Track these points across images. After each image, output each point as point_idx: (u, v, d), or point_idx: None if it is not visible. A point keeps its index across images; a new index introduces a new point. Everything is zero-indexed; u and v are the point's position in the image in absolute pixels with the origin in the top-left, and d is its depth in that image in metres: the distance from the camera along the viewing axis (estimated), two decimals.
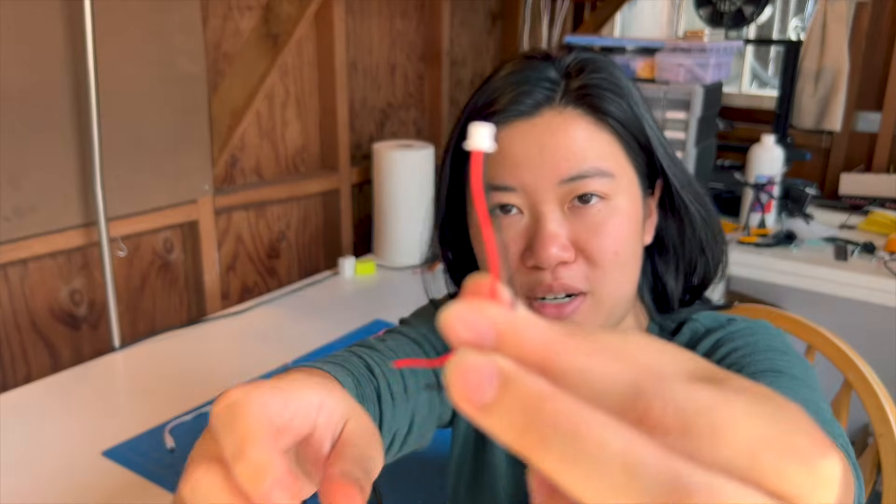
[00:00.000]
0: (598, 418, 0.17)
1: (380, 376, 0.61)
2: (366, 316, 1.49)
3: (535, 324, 0.19)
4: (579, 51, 0.63)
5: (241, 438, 0.26)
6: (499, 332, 0.19)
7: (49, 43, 1.20)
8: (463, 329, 0.19)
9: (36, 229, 1.22)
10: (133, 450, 1.03)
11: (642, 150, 0.62)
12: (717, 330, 0.66)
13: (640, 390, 0.18)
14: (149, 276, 1.46)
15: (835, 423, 0.54)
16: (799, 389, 0.56)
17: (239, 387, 0.29)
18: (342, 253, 1.83)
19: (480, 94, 0.62)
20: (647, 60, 1.75)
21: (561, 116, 0.59)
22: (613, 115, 0.59)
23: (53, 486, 0.95)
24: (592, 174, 0.58)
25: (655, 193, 0.66)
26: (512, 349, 0.19)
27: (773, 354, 0.61)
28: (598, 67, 0.61)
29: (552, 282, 0.58)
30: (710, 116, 1.77)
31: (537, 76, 0.60)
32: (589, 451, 0.17)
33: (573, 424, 0.17)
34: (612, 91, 0.60)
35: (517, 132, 0.59)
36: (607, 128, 0.60)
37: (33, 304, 1.27)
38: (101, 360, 1.31)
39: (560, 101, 0.59)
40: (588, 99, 0.59)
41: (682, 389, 0.18)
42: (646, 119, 0.62)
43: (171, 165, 1.41)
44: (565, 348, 0.19)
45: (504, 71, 0.62)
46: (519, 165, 0.58)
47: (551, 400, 0.17)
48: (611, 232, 0.59)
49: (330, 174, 1.78)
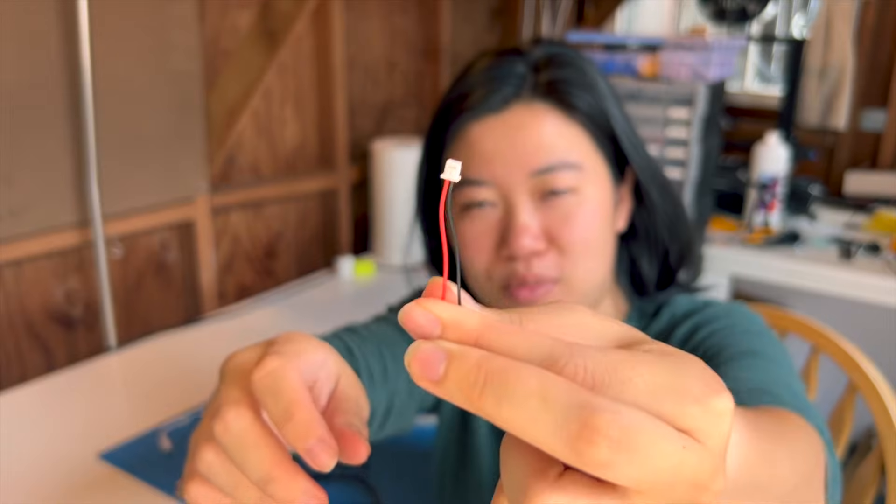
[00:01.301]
0: (519, 366, 0.22)
1: (359, 357, 0.64)
2: (364, 315, 1.46)
3: (471, 315, 0.25)
4: (548, 45, 0.65)
5: (287, 403, 0.31)
6: (443, 324, 0.25)
7: (43, 39, 1.18)
8: (414, 324, 0.25)
9: (30, 228, 1.21)
10: (129, 452, 1.02)
11: (610, 140, 0.64)
12: (694, 314, 0.69)
13: (554, 358, 0.23)
14: (145, 275, 1.45)
15: (803, 397, 0.56)
16: (773, 368, 0.59)
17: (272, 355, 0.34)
18: (340, 252, 1.82)
19: (454, 89, 0.65)
20: (650, 58, 1.74)
21: (529, 110, 0.61)
22: (580, 108, 0.62)
23: (49, 488, 0.94)
24: (561, 166, 0.61)
25: (627, 180, 0.68)
26: (454, 335, 0.24)
27: (748, 336, 0.64)
28: (565, 61, 0.63)
29: (525, 272, 0.61)
30: (714, 114, 1.75)
31: (506, 72, 0.62)
32: (513, 390, 0.22)
33: (502, 373, 0.22)
34: (579, 85, 0.62)
35: (487, 127, 0.62)
36: (575, 120, 0.62)
37: (28, 304, 1.26)
38: (97, 361, 1.30)
39: (528, 95, 0.62)
40: (555, 93, 0.62)
41: (595, 354, 0.23)
42: (612, 111, 0.64)
43: (167, 164, 1.39)
44: (495, 331, 0.24)
45: (476, 67, 0.65)
46: (490, 159, 0.61)
47: (486, 361, 0.23)
48: (580, 222, 0.61)
49: (328, 172, 1.77)
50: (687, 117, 1.68)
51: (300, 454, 0.31)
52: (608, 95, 0.64)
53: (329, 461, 0.30)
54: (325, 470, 0.30)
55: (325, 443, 0.30)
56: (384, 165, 1.72)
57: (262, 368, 0.33)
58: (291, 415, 0.31)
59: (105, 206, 1.29)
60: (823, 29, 2.18)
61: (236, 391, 0.34)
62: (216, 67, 1.50)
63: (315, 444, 0.30)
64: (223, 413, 0.32)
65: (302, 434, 0.30)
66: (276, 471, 0.31)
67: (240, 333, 1.41)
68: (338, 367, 0.38)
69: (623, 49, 1.76)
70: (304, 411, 0.31)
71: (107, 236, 1.32)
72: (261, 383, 0.32)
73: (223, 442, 0.32)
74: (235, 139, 1.57)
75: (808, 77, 2.20)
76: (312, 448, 0.30)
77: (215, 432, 0.32)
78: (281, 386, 0.32)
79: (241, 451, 0.32)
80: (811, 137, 2.23)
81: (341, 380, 0.38)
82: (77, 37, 1.20)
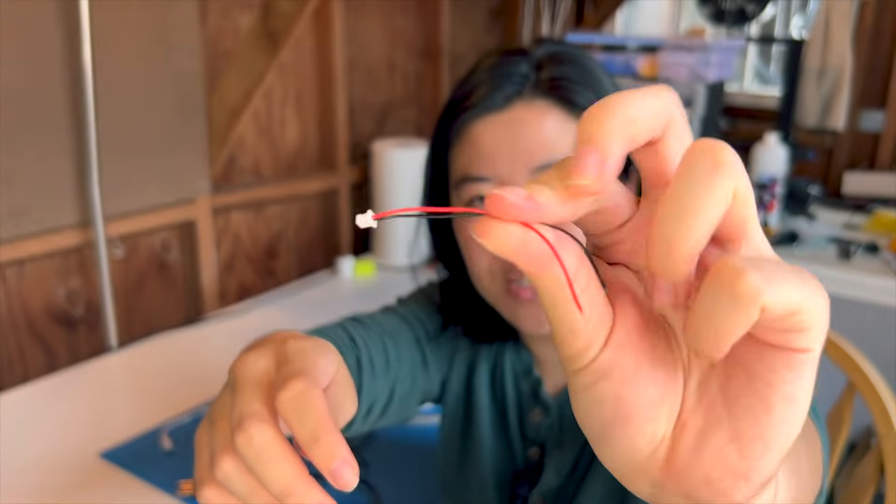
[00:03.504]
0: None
1: (361, 346, 0.64)
2: None
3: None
4: (551, 43, 0.66)
5: (314, 426, 0.33)
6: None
7: (45, 40, 1.19)
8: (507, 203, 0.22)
9: (32, 229, 1.22)
10: (130, 451, 1.02)
11: None
12: None
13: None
14: (146, 275, 1.45)
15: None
16: None
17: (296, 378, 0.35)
18: (341, 252, 1.82)
19: (459, 88, 0.66)
20: (649, 58, 1.74)
21: (531, 108, 0.62)
22: (582, 105, 0.62)
23: (50, 487, 0.94)
24: None
25: (632, 178, 0.68)
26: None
27: None
28: (566, 59, 0.64)
29: None
30: (713, 115, 1.76)
31: (509, 71, 0.63)
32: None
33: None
34: (580, 81, 0.62)
35: (490, 125, 0.62)
36: (577, 117, 0.62)
37: (30, 304, 1.26)
38: (98, 361, 1.30)
39: (529, 93, 0.62)
40: (557, 90, 0.62)
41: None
42: None
43: (168, 164, 1.40)
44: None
45: (481, 67, 0.65)
46: (492, 157, 0.62)
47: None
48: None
49: (329, 173, 1.77)
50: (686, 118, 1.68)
51: (324, 473, 0.32)
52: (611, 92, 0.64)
53: (352, 480, 0.32)
54: (348, 489, 0.32)
55: (348, 463, 0.32)
56: (384, 166, 1.72)
57: (288, 390, 0.34)
58: (318, 438, 0.32)
59: (106, 206, 1.29)
60: (822, 30, 2.18)
61: (257, 404, 0.35)
62: (217, 68, 1.50)
63: (339, 465, 0.32)
64: (246, 426, 0.34)
65: (327, 456, 0.32)
66: (295, 484, 0.33)
67: (240, 333, 1.42)
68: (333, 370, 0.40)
69: (622, 50, 1.77)
70: (329, 434, 0.32)
71: (108, 236, 1.32)
72: (288, 405, 0.34)
73: (245, 454, 0.34)
74: (236, 139, 1.57)
75: (807, 78, 2.20)
76: (336, 469, 0.32)
77: (237, 444, 0.34)
78: (307, 409, 0.33)
79: (262, 465, 0.33)
80: (810, 138, 2.24)
81: (331, 385, 0.39)
82: (78, 37, 1.20)
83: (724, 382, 0.23)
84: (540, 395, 0.71)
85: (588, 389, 0.24)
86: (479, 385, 0.74)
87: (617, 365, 0.24)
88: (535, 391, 0.72)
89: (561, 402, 0.70)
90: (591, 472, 0.67)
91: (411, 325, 0.73)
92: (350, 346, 0.64)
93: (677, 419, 0.24)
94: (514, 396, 0.73)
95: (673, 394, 0.24)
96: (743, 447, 0.23)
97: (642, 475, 0.25)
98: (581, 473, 0.68)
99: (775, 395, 0.22)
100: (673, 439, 0.24)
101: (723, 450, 0.23)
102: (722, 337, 0.20)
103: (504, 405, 0.74)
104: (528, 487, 0.71)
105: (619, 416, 0.24)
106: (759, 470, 0.23)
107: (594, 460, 0.67)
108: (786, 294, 0.20)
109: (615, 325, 0.24)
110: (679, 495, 0.24)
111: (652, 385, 0.24)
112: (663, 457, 0.24)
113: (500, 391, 0.74)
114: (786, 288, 0.20)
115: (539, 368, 0.73)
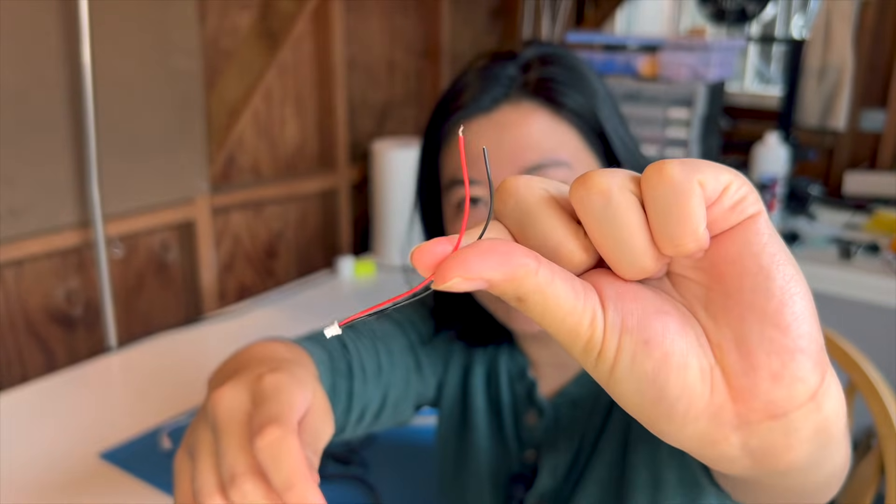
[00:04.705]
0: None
1: (353, 352, 0.65)
2: None
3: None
4: (539, 45, 0.66)
5: (288, 473, 0.36)
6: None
7: (44, 40, 1.18)
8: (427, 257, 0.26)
9: (31, 228, 1.21)
10: (130, 451, 1.02)
11: (600, 139, 0.64)
12: None
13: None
14: (145, 275, 1.45)
15: None
16: None
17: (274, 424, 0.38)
18: (341, 252, 1.82)
19: (449, 90, 0.66)
20: (650, 58, 1.74)
21: (518, 109, 0.62)
22: (568, 106, 0.62)
23: (49, 487, 0.94)
24: (549, 164, 0.61)
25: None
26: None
27: None
28: (553, 60, 0.64)
29: None
30: (713, 115, 1.75)
31: (497, 72, 0.63)
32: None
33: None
34: (567, 83, 0.62)
35: (477, 127, 0.62)
36: (563, 118, 0.62)
37: (28, 304, 1.26)
38: (97, 361, 1.30)
39: (516, 94, 0.62)
40: (543, 92, 0.62)
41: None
42: (602, 110, 0.64)
43: (167, 164, 1.39)
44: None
45: (470, 69, 0.66)
46: (480, 158, 0.62)
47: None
48: None
49: (328, 173, 1.77)
50: (686, 118, 1.68)
51: None
52: (600, 93, 0.64)
53: None
54: None
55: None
56: (384, 165, 1.72)
57: (264, 436, 0.37)
58: (292, 484, 0.36)
59: (105, 206, 1.29)
60: (823, 29, 2.18)
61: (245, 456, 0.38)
62: (216, 67, 1.50)
63: None
64: (240, 483, 0.37)
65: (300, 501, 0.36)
66: None
67: (240, 333, 1.41)
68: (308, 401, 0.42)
69: (623, 49, 1.77)
70: (302, 482, 0.36)
71: (107, 236, 1.32)
72: (264, 453, 0.37)
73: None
74: (236, 139, 1.57)
75: (808, 77, 2.20)
76: None
77: (232, 499, 0.37)
78: (283, 456, 0.37)
79: None
80: (810, 138, 2.23)
81: (307, 413, 0.42)
82: (78, 37, 1.20)
83: (722, 287, 0.24)
84: (535, 398, 0.71)
85: (618, 361, 0.24)
86: (475, 388, 0.74)
87: (626, 314, 0.24)
88: (530, 394, 0.72)
89: (556, 404, 0.70)
90: (586, 474, 0.67)
91: (405, 330, 0.73)
92: (341, 352, 0.64)
93: (710, 344, 0.24)
94: (509, 399, 0.73)
95: (691, 320, 0.25)
96: (776, 322, 0.23)
97: (719, 421, 0.24)
98: (577, 476, 0.68)
99: (763, 258, 0.23)
100: (720, 364, 0.24)
101: (763, 339, 0.23)
102: (688, 222, 0.23)
103: (499, 408, 0.74)
104: (524, 490, 0.71)
105: (658, 360, 0.24)
106: (804, 335, 0.23)
107: (590, 463, 0.67)
108: (712, 170, 0.23)
109: (601, 287, 0.25)
110: (763, 415, 0.24)
111: (667, 317, 0.24)
112: (723, 386, 0.24)
113: (496, 394, 0.74)
114: (708, 166, 0.23)
115: (534, 371, 0.72)
